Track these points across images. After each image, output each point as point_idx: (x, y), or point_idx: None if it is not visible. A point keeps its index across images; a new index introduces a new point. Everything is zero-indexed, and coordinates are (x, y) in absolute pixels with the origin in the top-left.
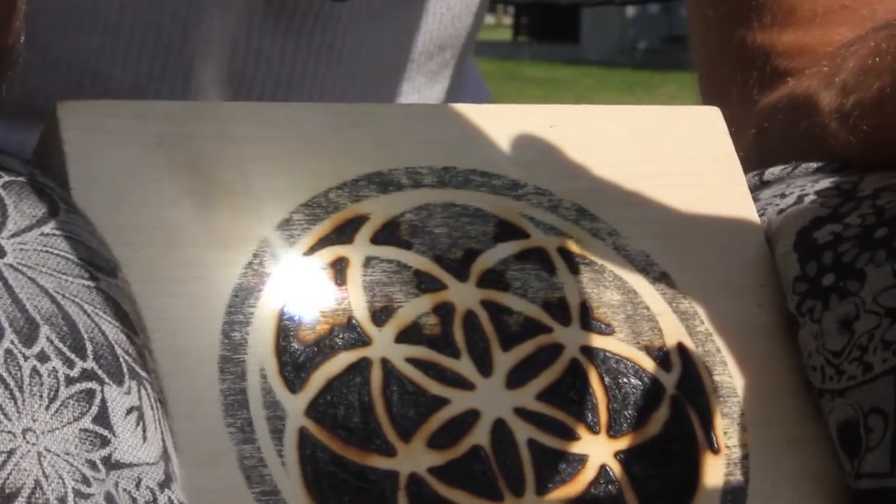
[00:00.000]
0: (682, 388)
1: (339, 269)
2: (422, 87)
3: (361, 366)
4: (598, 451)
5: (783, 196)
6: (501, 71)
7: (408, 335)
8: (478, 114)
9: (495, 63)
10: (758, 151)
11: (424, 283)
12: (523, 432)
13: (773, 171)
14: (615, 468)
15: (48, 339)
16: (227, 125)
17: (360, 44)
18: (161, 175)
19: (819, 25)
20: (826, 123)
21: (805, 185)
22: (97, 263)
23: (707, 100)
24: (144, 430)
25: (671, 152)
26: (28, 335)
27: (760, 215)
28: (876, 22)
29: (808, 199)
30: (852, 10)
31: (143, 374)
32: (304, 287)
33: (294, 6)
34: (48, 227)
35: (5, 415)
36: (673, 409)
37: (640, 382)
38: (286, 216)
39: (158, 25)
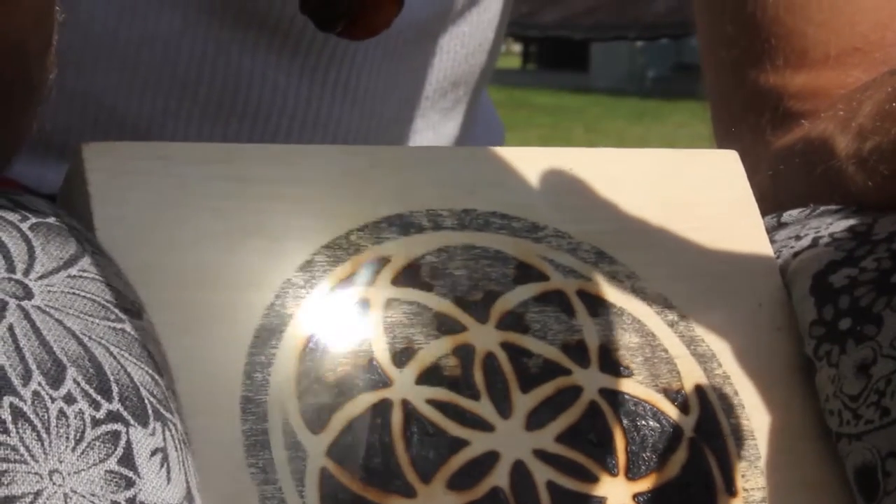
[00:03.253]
0: (701, 431)
1: (360, 310)
2: (436, 124)
3: (382, 407)
4: (617, 493)
5: (798, 238)
6: (510, 99)
7: (428, 377)
8: (497, 156)
9: (504, 91)
10: (774, 194)
11: (445, 324)
12: (542, 474)
13: (791, 214)
14: None
15: (75, 380)
16: (248, 167)
17: (375, 81)
18: (184, 216)
19: (832, 68)
20: (843, 167)
21: (819, 228)
22: (123, 305)
23: (720, 139)
24: (169, 472)
25: (689, 196)
26: (55, 377)
27: (776, 257)
28: (889, 65)
29: (822, 242)
30: (865, 53)
31: (167, 415)
32: (325, 328)
33: (310, 44)
34: (75, 269)
35: (32, 456)
36: (691, 452)
37: (658, 425)
38: (308, 258)
39: (175, 62)
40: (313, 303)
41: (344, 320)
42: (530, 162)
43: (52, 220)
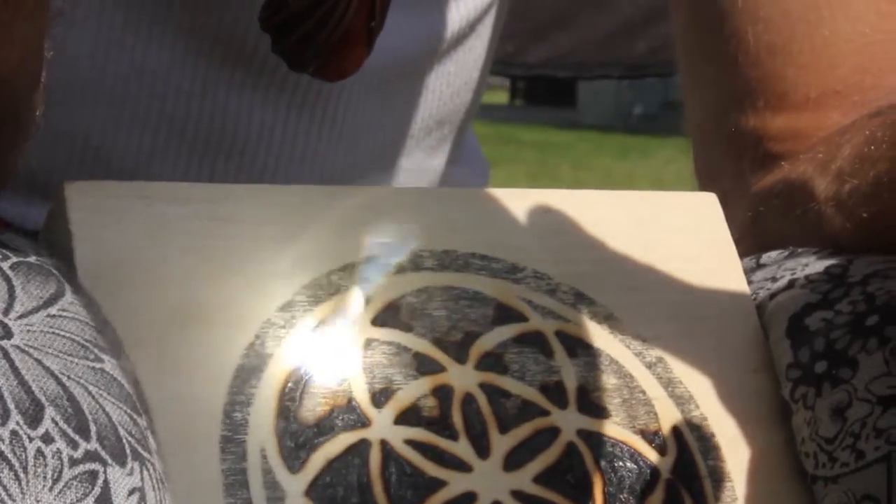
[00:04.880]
0: (677, 473)
1: (339, 350)
2: (421, 161)
3: (361, 447)
4: None
5: (774, 280)
6: (497, 134)
7: (407, 417)
8: (478, 197)
9: (492, 126)
10: (753, 235)
11: (424, 365)
12: None
13: (769, 256)
14: None
15: (53, 420)
16: (230, 207)
17: (360, 119)
18: (165, 256)
19: (811, 110)
20: (822, 210)
21: (796, 269)
22: (101, 345)
23: (701, 179)
24: None
25: (668, 238)
26: (33, 416)
27: (754, 299)
28: (867, 108)
29: (798, 284)
30: (844, 96)
31: (145, 454)
32: (304, 368)
33: (296, 82)
34: (55, 309)
35: (10, 496)
36: (668, 494)
37: (635, 466)
38: (288, 298)
39: (162, 98)
40: (293, 343)
41: (323, 360)
42: (511, 203)
43: (32, 258)
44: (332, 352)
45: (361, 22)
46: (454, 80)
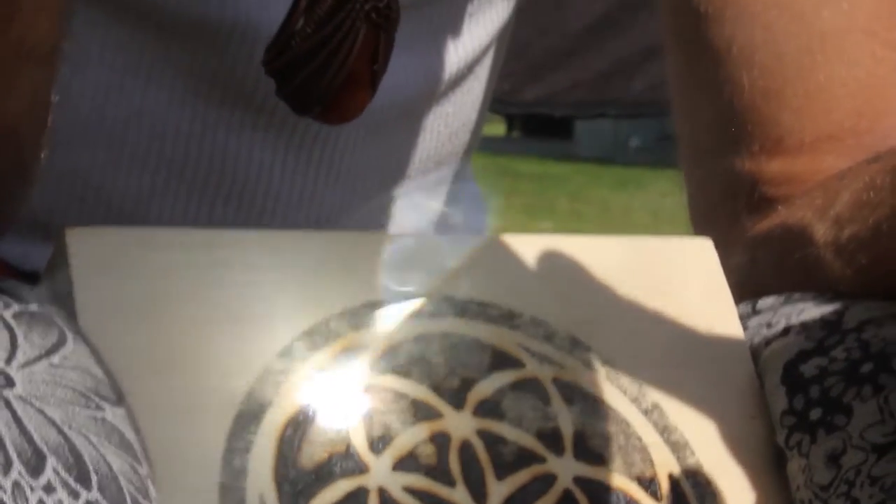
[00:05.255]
0: None
1: (338, 396)
2: (419, 202)
3: (359, 494)
4: None
5: (770, 325)
6: (494, 165)
7: (405, 463)
8: (474, 244)
9: (488, 157)
10: (750, 280)
11: (421, 411)
12: None
13: (766, 301)
14: None
15: (55, 470)
16: (229, 252)
17: (359, 159)
18: (165, 303)
19: (807, 154)
20: (821, 255)
21: (791, 315)
22: (102, 393)
23: (697, 222)
24: None
25: (664, 284)
26: (35, 466)
27: (749, 345)
28: (863, 152)
29: (794, 331)
30: (839, 140)
31: (145, 503)
32: (303, 414)
33: (295, 123)
34: (56, 358)
35: None
36: None
37: None
38: (287, 344)
39: (162, 139)
40: (292, 389)
41: (322, 406)
42: (507, 249)
43: (34, 307)
44: (330, 398)
45: (365, 65)
46: (452, 120)
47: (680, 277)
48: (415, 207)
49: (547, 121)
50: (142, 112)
